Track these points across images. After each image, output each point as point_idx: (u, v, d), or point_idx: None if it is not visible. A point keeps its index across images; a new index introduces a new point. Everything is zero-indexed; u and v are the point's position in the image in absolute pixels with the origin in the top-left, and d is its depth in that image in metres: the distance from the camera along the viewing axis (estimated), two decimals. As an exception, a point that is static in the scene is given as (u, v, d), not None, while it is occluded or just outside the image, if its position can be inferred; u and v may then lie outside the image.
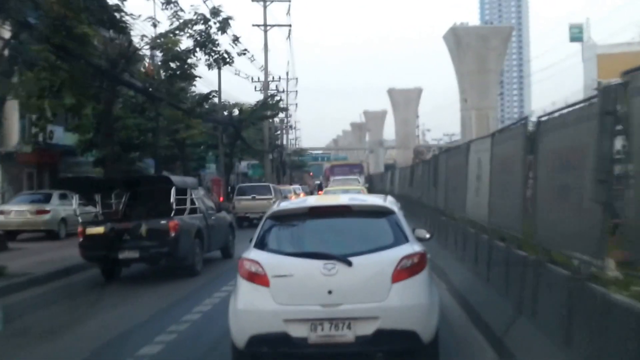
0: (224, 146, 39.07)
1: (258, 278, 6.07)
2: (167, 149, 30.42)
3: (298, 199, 9.50)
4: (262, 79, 47.63)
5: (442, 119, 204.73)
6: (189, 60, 21.36)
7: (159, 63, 24.24)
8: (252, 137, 49.19)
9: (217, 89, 35.49)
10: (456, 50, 56.44)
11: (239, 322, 6.13)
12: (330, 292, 5.90)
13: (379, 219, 6.54)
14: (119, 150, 24.31)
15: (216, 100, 37.52)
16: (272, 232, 6.53)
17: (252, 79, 47.71)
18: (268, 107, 43.35)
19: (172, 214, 13.31)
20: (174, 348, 7.63)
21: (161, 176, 14.20)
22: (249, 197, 28.12)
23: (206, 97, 31.94)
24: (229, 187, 40.74)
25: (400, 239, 6.33)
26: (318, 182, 62.95)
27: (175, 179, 14.25)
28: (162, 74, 23.13)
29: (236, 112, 41.70)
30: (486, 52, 52.03)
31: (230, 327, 6.21)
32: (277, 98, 46.94)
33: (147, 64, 25.86)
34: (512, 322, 6.92)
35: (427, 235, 7.10)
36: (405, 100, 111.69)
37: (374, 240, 6.33)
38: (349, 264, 5.96)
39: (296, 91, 63.34)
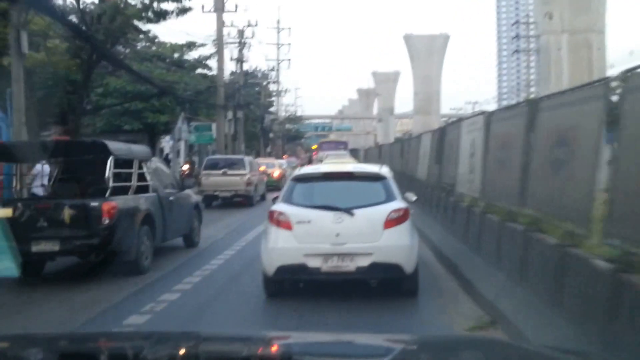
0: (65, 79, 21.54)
1: (284, 224, 8.30)
2: None
3: (313, 166, 11.61)
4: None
5: (455, 86, 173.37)
6: None
7: None
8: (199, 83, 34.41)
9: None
10: None
11: (269, 256, 8.38)
12: (337, 234, 8.17)
13: (375, 182, 8.82)
14: None
15: None
16: (295, 190, 8.72)
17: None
18: None
19: (107, 194, 9.96)
20: None
21: (95, 142, 10.62)
22: (220, 172, 23.58)
23: None
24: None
25: (390, 197, 8.59)
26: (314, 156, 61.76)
27: (113, 145, 10.58)
28: None
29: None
30: None
31: (262, 260, 8.49)
32: None
33: None
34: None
35: (414, 198, 9.46)
36: (428, 51, 79.42)
37: (370, 198, 8.57)
38: (352, 214, 8.24)
39: (289, 44, 49.40)
